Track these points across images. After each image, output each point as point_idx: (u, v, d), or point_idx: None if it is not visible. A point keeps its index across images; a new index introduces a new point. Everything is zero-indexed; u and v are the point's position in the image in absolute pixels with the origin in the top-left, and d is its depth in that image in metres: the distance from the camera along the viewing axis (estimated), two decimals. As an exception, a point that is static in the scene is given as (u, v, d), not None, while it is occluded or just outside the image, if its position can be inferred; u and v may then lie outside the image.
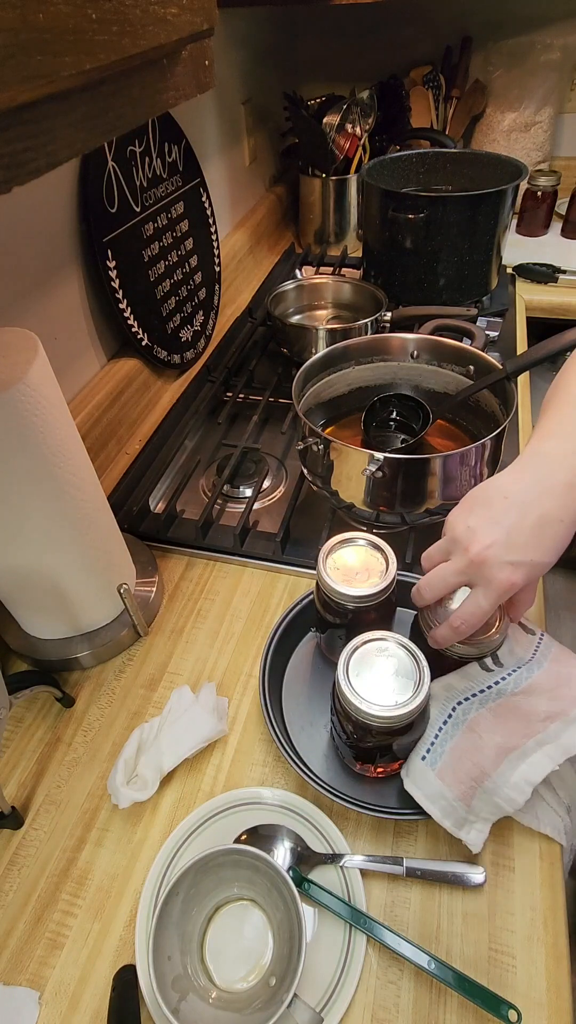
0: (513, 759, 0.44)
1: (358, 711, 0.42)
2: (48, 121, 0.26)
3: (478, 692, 0.48)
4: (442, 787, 0.45)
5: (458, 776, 0.45)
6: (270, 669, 0.56)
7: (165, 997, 0.36)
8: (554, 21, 1.32)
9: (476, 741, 0.45)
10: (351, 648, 0.46)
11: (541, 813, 0.48)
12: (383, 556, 0.52)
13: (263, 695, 0.53)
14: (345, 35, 1.46)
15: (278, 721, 0.53)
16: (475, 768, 0.45)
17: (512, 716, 0.46)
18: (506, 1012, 0.38)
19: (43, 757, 0.55)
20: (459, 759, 0.45)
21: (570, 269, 1.19)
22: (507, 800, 0.44)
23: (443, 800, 0.44)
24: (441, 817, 0.44)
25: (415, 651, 0.45)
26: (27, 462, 0.45)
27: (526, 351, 0.63)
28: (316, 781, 0.48)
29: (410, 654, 0.45)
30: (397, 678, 0.44)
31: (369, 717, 0.42)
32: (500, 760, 0.44)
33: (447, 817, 0.44)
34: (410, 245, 0.99)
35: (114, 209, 0.77)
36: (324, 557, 0.52)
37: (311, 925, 0.44)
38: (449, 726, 0.47)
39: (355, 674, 0.44)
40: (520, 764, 0.44)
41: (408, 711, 0.42)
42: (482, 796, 0.44)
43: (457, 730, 0.46)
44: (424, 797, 0.45)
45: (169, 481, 0.83)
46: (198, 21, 0.34)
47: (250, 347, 1.04)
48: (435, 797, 0.45)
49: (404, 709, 0.42)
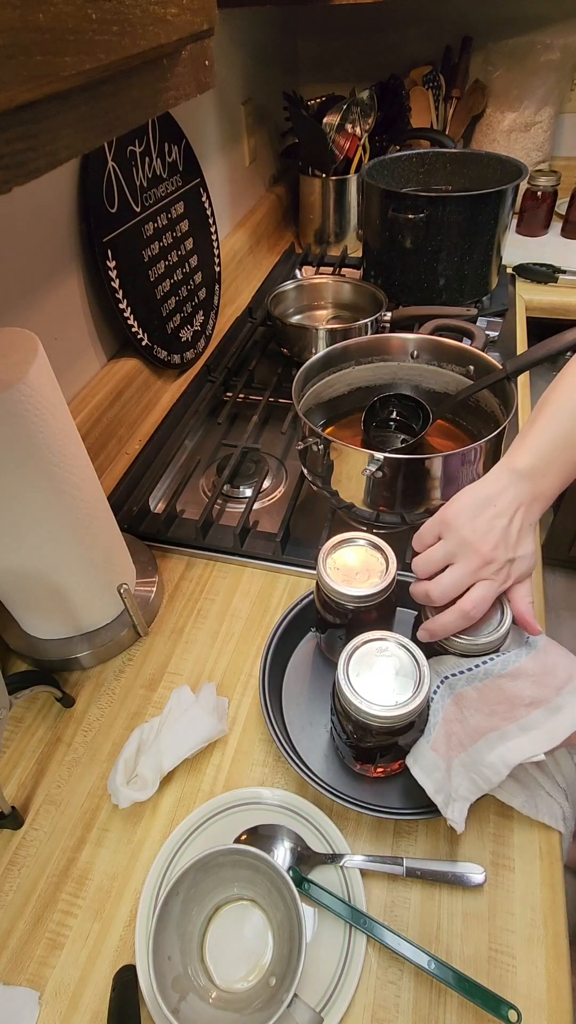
0: (492, 739, 0.45)
1: (358, 711, 0.42)
2: (48, 121, 0.26)
3: (465, 670, 0.48)
4: (436, 758, 0.45)
5: (449, 746, 0.45)
6: (270, 669, 0.56)
7: (165, 997, 0.36)
8: (554, 21, 1.32)
9: (459, 715, 0.46)
10: (351, 648, 0.46)
11: (540, 802, 0.48)
12: (383, 556, 0.52)
13: (263, 695, 0.53)
14: (345, 35, 1.46)
15: (278, 721, 0.53)
16: (456, 741, 0.45)
17: (496, 697, 0.47)
18: (506, 1012, 0.38)
19: (43, 757, 0.55)
20: (448, 730, 0.46)
21: (570, 269, 1.19)
22: (483, 778, 0.44)
23: (437, 772, 0.45)
24: (434, 792, 0.45)
25: (415, 651, 0.45)
26: (27, 462, 0.45)
27: (526, 351, 0.63)
28: (316, 781, 0.48)
29: (410, 654, 0.45)
30: (397, 678, 0.44)
31: (369, 717, 0.42)
32: (477, 739, 0.45)
33: (439, 792, 0.45)
34: (410, 245, 0.99)
35: (114, 209, 0.77)
36: (324, 557, 0.52)
37: (311, 925, 0.44)
38: (437, 698, 0.47)
39: (355, 674, 0.44)
40: (499, 745, 0.45)
41: (408, 711, 0.42)
42: (459, 771, 0.45)
43: (444, 703, 0.47)
44: (420, 770, 0.45)
45: (169, 481, 0.83)
46: (198, 21, 0.34)
47: (250, 347, 1.04)
48: (430, 769, 0.45)
49: (404, 709, 0.42)
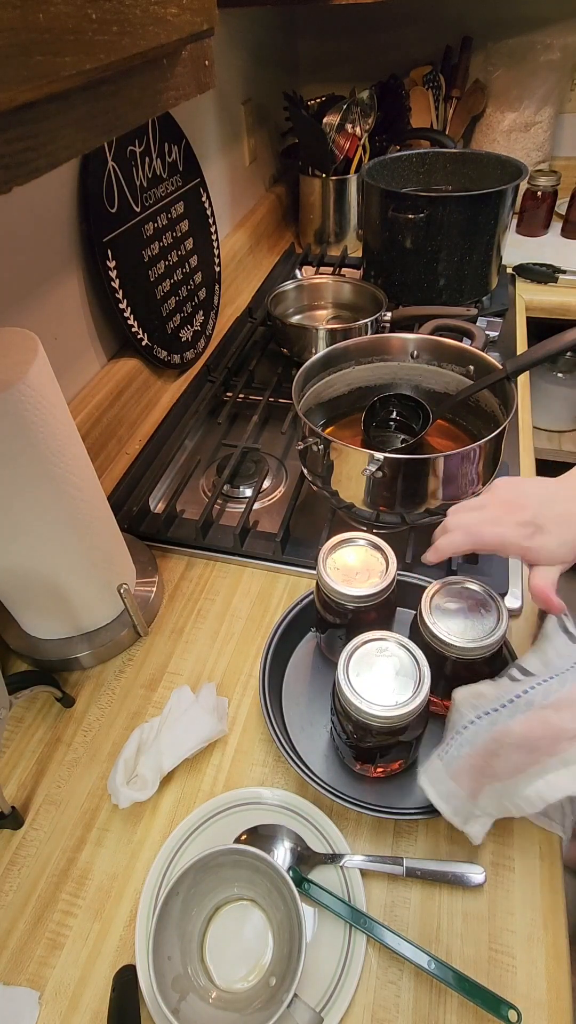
0: (532, 774, 0.43)
1: (358, 711, 0.42)
2: (48, 121, 0.26)
3: (507, 703, 0.45)
4: (456, 788, 0.44)
5: (472, 781, 0.44)
6: (270, 669, 0.56)
7: (165, 997, 0.36)
8: (554, 21, 1.32)
9: (497, 751, 0.44)
10: (351, 648, 0.46)
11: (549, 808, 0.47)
12: (383, 556, 0.52)
13: (263, 695, 0.53)
14: (345, 35, 1.46)
15: (278, 721, 0.53)
16: (490, 773, 0.44)
17: (540, 732, 0.44)
18: (506, 1012, 0.38)
19: (43, 757, 0.55)
20: (477, 768, 0.44)
21: (570, 269, 1.19)
22: (515, 807, 0.43)
23: (455, 800, 0.44)
24: (451, 815, 0.44)
25: (415, 651, 0.45)
26: (27, 462, 0.45)
27: (526, 351, 0.63)
28: (316, 781, 0.48)
29: (410, 654, 0.45)
30: (397, 678, 0.44)
31: (369, 717, 0.42)
32: (516, 775, 0.43)
33: (456, 815, 0.44)
34: (410, 245, 0.99)
35: (114, 209, 0.77)
36: (324, 557, 0.52)
37: (311, 925, 0.44)
38: (470, 732, 0.45)
39: (355, 674, 0.44)
40: (537, 780, 0.43)
41: (408, 711, 0.42)
42: (491, 795, 0.44)
43: (478, 739, 0.45)
44: (437, 795, 0.45)
45: (169, 481, 0.83)
46: (198, 21, 0.34)
47: (250, 347, 1.04)
48: (448, 796, 0.44)
49: (404, 709, 0.42)
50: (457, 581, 0.51)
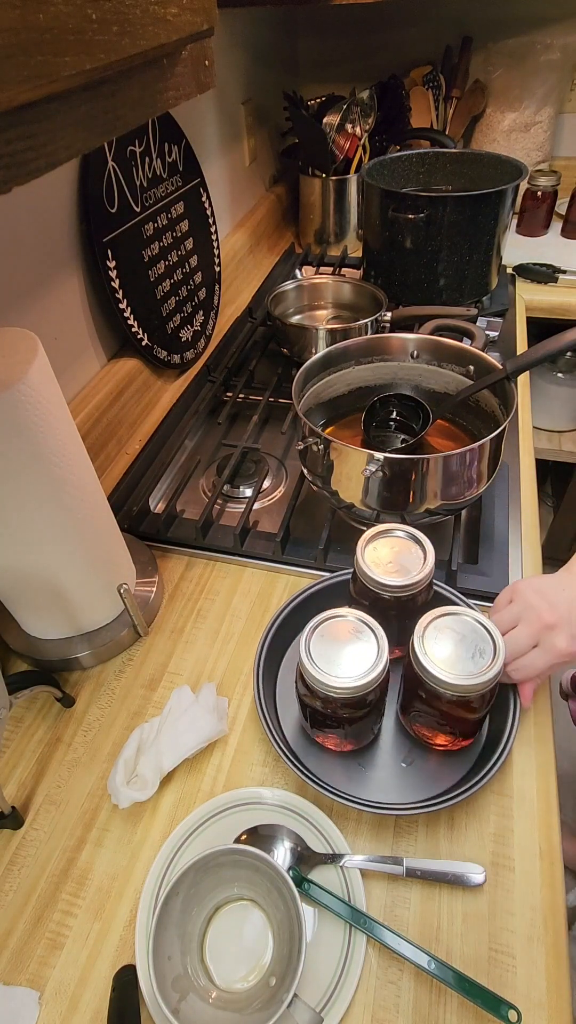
0: None
1: (316, 681, 0.44)
2: (48, 121, 0.26)
3: None
4: None
5: None
6: (263, 670, 0.55)
7: (165, 997, 0.36)
8: (554, 21, 1.32)
9: None
10: (314, 623, 0.48)
11: None
12: (421, 548, 0.53)
13: (258, 696, 0.53)
14: (345, 35, 1.46)
15: (273, 722, 0.53)
16: None
17: None
18: (506, 1012, 0.38)
19: (43, 757, 0.55)
20: None
21: (570, 269, 1.19)
22: None
23: None
24: None
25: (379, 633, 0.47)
26: (27, 462, 0.45)
27: (526, 351, 0.63)
28: (315, 780, 0.48)
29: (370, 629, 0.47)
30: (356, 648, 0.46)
31: (327, 688, 0.44)
32: None
33: None
34: (410, 245, 0.99)
35: (114, 209, 0.77)
36: (363, 548, 0.53)
37: (311, 925, 0.44)
38: None
39: (318, 652, 0.46)
40: None
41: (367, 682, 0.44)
42: None
43: None
44: None
45: (169, 481, 0.83)
46: (198, 21, 0.34)
47: (250, 347, 1.04)
48: None
49: (365, 679, 0.44)
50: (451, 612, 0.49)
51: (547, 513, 1.82)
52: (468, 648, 0.46)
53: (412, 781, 0.51)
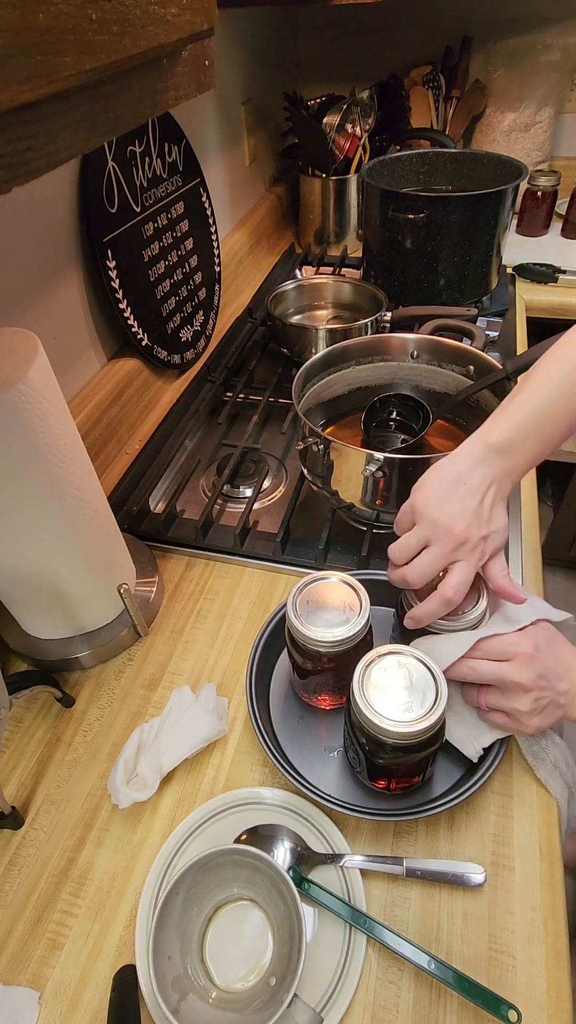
0: None
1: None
2: (48, 121, 0.26)
3: None
4: None
5: None
6: (257, 674, 0.55)
7: (165, 997, 0.36)
8: (554, 21, 1.32)
9: None
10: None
11: (550, 777, 0.50)
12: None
13: (251, 707, 0.53)
14: (345, 35, 1.46)
15: (268, 733, 0.53)
16: None
17: None
18: (506, 1012, 0.38)
19: (43, 757, 0.55)
20: None
21: (570, 269, 1.19)
22: None
23: None
24: None
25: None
26: (27, 462, 0.45)
27: (526, 351, 0.63)
28: (314, 791, 0.48)
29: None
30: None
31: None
32: None
33: None
34: (410, 245, 0.99)
35: (114, 209, 0.77)
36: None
37: (311, 925, 0.44)
38: None
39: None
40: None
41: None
42: None
43: None
44: None
45: (169, 481, 0.83)
46: (198, 21, 0.34)
47: (250, 347, 1.04)
48: None
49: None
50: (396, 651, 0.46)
51: (547, 513, 1.82)
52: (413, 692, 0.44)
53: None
